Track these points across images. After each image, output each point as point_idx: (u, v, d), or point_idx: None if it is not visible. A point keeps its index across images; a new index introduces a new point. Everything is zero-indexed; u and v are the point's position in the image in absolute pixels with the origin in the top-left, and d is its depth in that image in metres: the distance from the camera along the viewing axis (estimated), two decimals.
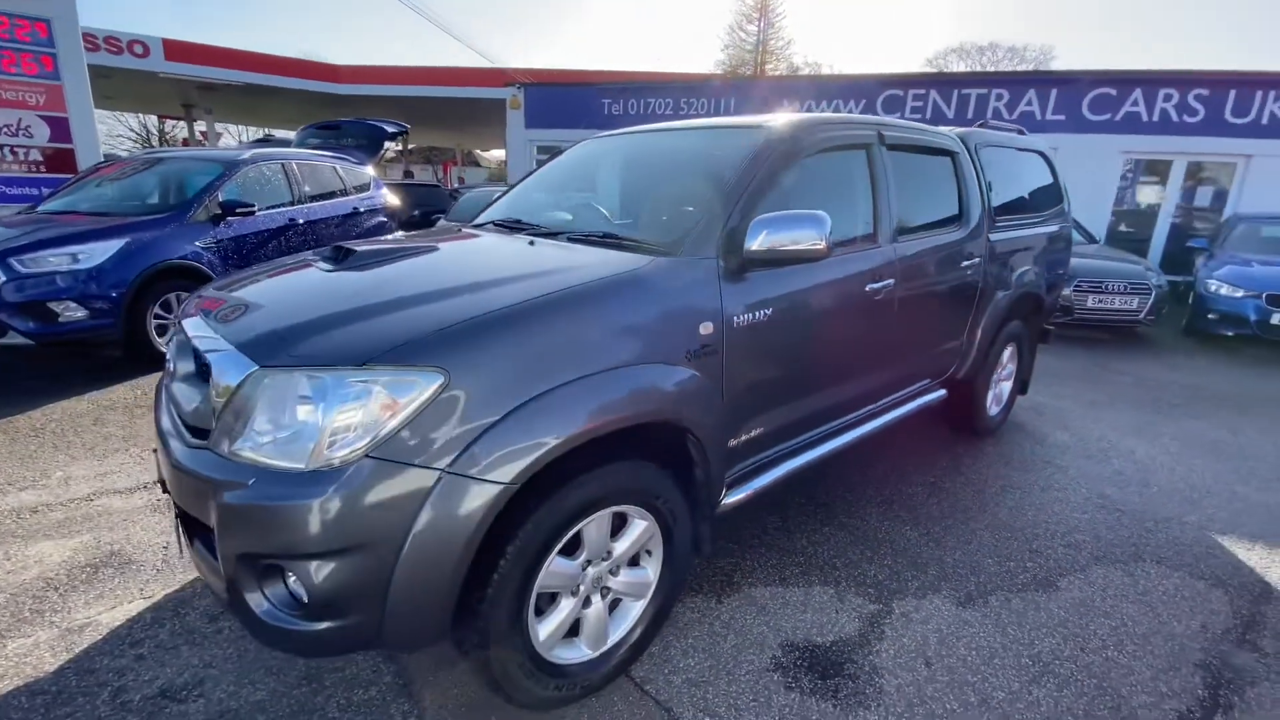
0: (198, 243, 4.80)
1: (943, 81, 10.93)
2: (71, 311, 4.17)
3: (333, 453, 1.26)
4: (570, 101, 13.43)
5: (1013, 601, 2.26)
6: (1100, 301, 6.36)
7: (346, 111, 20.97)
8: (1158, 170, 9.99)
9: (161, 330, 4.53)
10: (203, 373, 1.55)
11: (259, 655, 1.88)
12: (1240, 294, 6.23)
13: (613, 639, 1.75)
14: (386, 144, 7.74)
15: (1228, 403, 4.70)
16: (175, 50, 16.53)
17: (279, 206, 5.65)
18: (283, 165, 5.87)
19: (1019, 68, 30.06)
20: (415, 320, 1.41)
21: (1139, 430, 4.03)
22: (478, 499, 1.32)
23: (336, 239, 6.27)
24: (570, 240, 2.06)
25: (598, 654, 1.71)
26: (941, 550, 2.57)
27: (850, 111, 11.32)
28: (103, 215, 4.74)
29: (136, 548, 2.40)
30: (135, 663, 1.84)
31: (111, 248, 4.31)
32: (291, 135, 8.26)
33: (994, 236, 3.20)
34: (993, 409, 3.74)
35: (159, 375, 1.98)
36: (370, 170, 7.31)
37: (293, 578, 1.30)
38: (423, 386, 1.29)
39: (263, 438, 1.31)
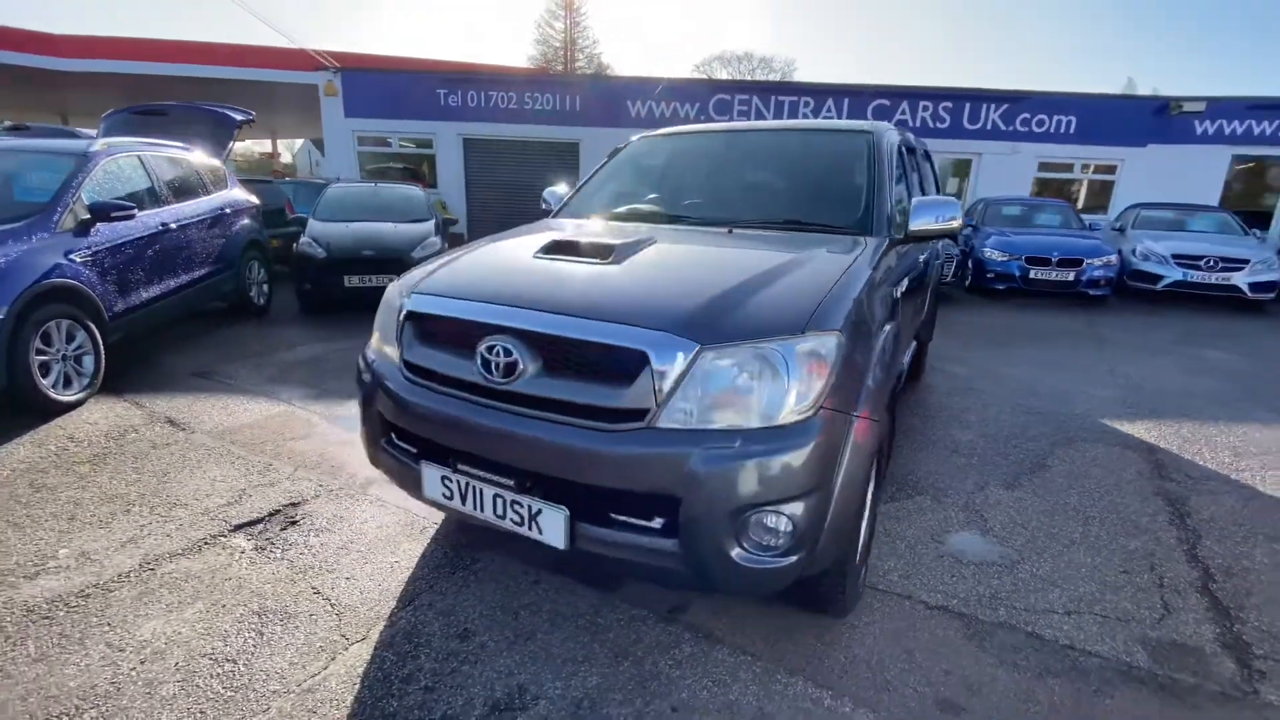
0: (73, 256, 3.79)
1: (763, 89, 12.52)
2: None
3: (799, 407, 1.44)
4: (401, 90, 12.51)
5: (1035, 480, 3.10)
6: None
7: (71, 93, 16.68)
8: None
9: (45, 369, 3.53)
10: (556, 363, 1.57)
11: (550, 656, 1.87)
12: (1007, 258, 8.43)
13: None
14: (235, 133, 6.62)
15: (1038, 335, 6.48)
16: None
17: (148, 209, 4.64)
18: (140, 159, 4.81)
19: (770, 77, 34.80)
20: (791, 298, 1.62)
21: (1005, 359, 5.42)
22: (872, 436, 1.60)
23: (207, 246, 5.31)
24: (765, 227, 2.32)
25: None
26: (961, 458, 3.35)
27: (686, 112, 12.38)
28: None
29: (285, 598, 2.09)
30: (427, 694, 1.72)
31: None
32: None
33: None
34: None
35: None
36: (222, 165, 6.24)
37: (771, 521, 1.46)
38: (835, 346, 1.53)
39: (729, 404, 1.43)
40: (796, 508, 1.44)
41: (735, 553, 1.46)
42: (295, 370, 4.58)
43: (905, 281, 2.41)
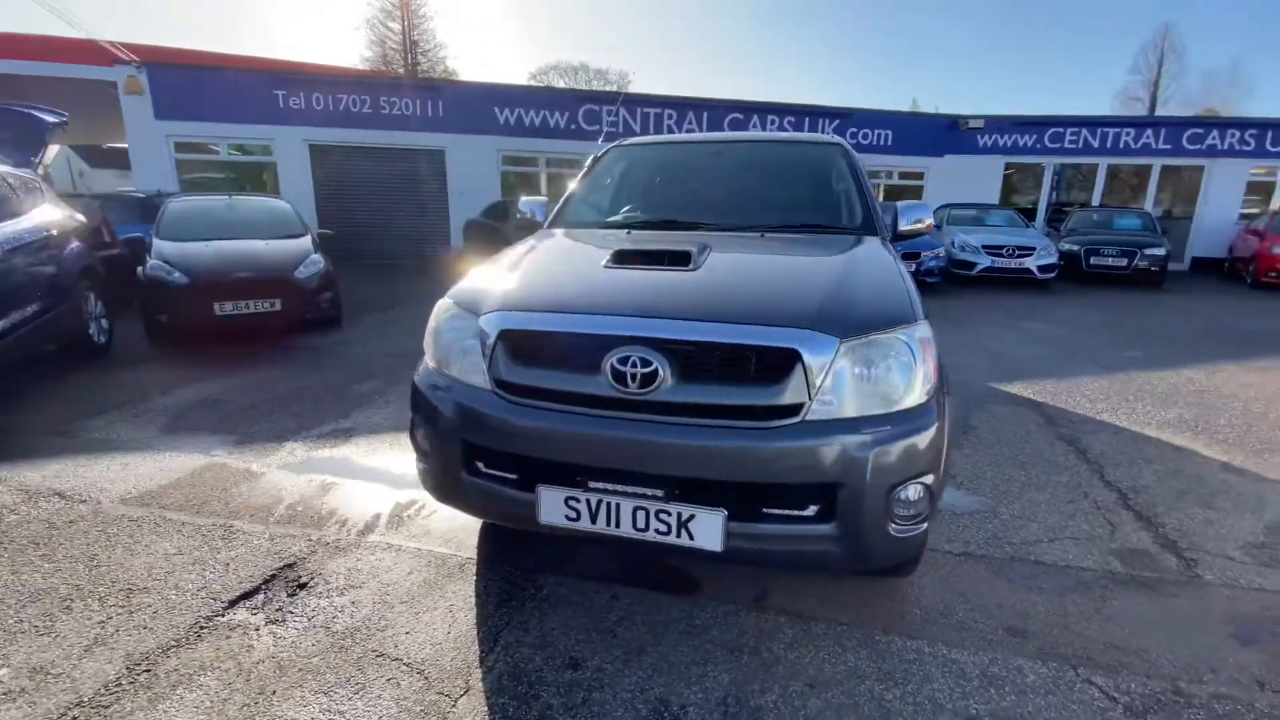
0: None
1: (630, 100, 12.92)
2: None
3: (926, 388, 1.62)
4: (230, 89, 11.01)
5: (970, 439, 3.65)
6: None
7: None
8: None
9: None
10: (691, 368, 1.59)
11: (671, 666, 1.86)
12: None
13: None
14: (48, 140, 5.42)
15: (1011, 312, 7.70)
16: None
17: None
18: None
19: (607, 88, 35.96)
20: (888, 292, 1.80)
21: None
22: (950, 411, 1.83)
23: (31, 279, 4.31)
24: (786, 231, 2.49)
25: None
26: None
27: (556, 121, 12.41)
28: None
29: (345, 668, 1.83)
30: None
31: None
32: None
33: None
34: None
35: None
36: (36, 177, 5.10)
37: (913, 493, 1.60)
38: (930, 333, 1.73)
39: (870, 391, 1.56)
40: (930, 478, 1.62)
41: (891, 527, 1.60)
42: (192, 416, 3.90)
43: None
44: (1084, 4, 56.00)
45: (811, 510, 1.59)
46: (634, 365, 1.58)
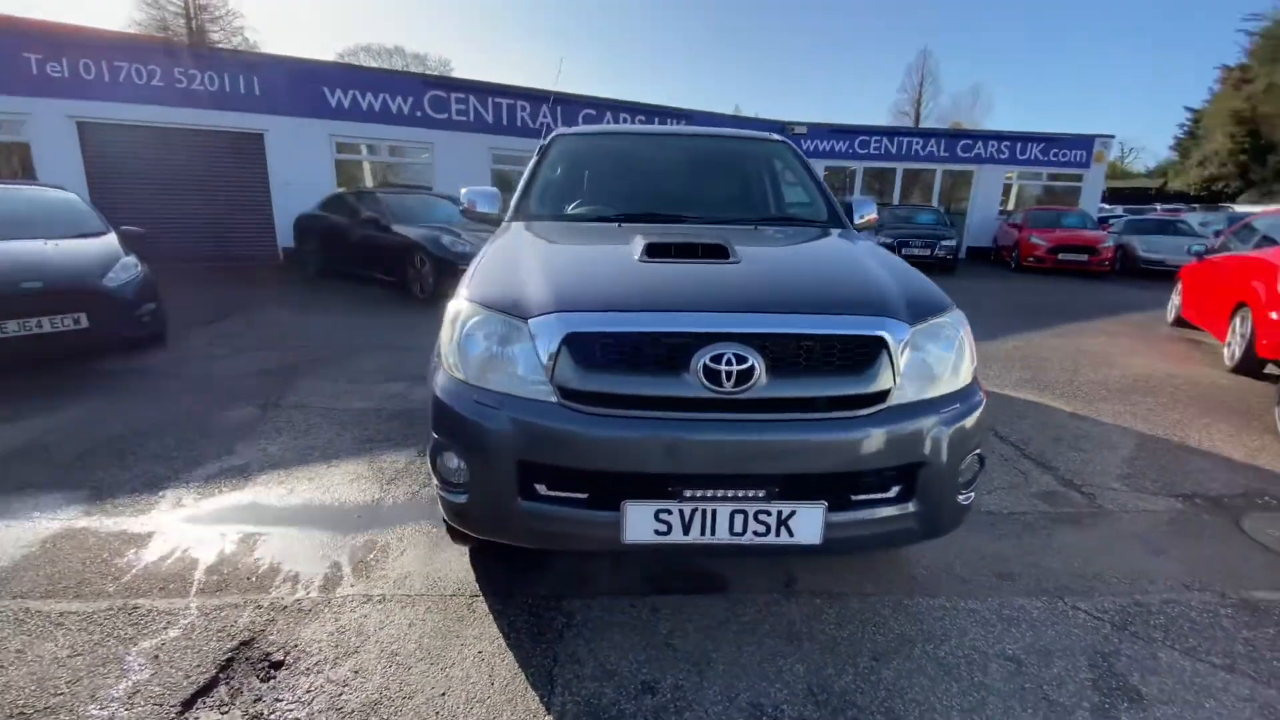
0: None
1: (481, 89, 12.24)
2: None
3: (972, 367, 1.76)
4: None
5: None
6: None
7: None
8: None
9: None
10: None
11: (744, 669, 1.83)
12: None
13: None
14: None
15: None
16: None
17: None
18: None
19: (426, 72, 34.00)
20: (919, 282, 1.91)
21: None
22: None
23: None
24: (771, 223, 2.52)
25: None
26: None
27: (398, 105, 11.43)
28: None
29: None
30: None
31: None
32: None
33: None
34: None
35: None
36: None
37: (971, 463, 1.72)
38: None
39: (938, 374, 1.65)
40: (980, 448, 1.76)
41: (959, 497, 1.71)
42: (12, 472, 2.95)
43: None
44: (859, 28, 64.94)
45: (894, 491, 1.65)
46: (729, 363, 1.51)
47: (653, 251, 1.91)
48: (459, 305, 1.76)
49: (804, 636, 1.96)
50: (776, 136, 3.19)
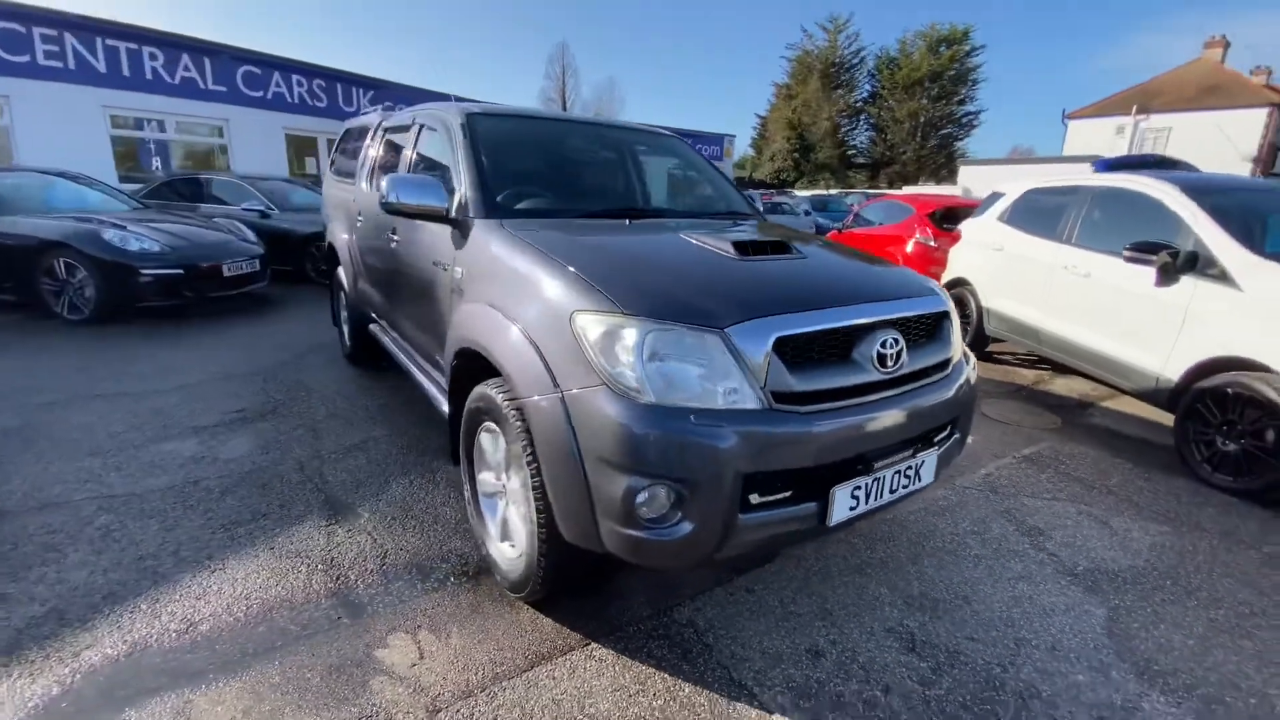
0: None
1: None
2: None
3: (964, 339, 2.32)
4: None
5: None
6: None
7: None
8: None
9: None
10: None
11: (856, 609, 2.12)
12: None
13: None
14: None
15: None
16: None
17: None
18: None
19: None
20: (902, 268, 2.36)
21: None
22: None
23: None
24: (722, 216, 2.71)
25: None
26: None
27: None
28: None
29: None
30: (872, 691, 1.76)
31: None
32: None
33: None
34: None
35: None
36: None
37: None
38: None
39: (957, 342, 2.14)
40: None
41: (970, 438, 2.25)
42: None
43: None
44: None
45: (948, 433, 2.11)
46: (891, 345, 1.73)
47: (743, 249, 1.95)
48: (615, 319, 1.54)
49: (866, 566, 2.34)
50: (669, 132, 3.35)
